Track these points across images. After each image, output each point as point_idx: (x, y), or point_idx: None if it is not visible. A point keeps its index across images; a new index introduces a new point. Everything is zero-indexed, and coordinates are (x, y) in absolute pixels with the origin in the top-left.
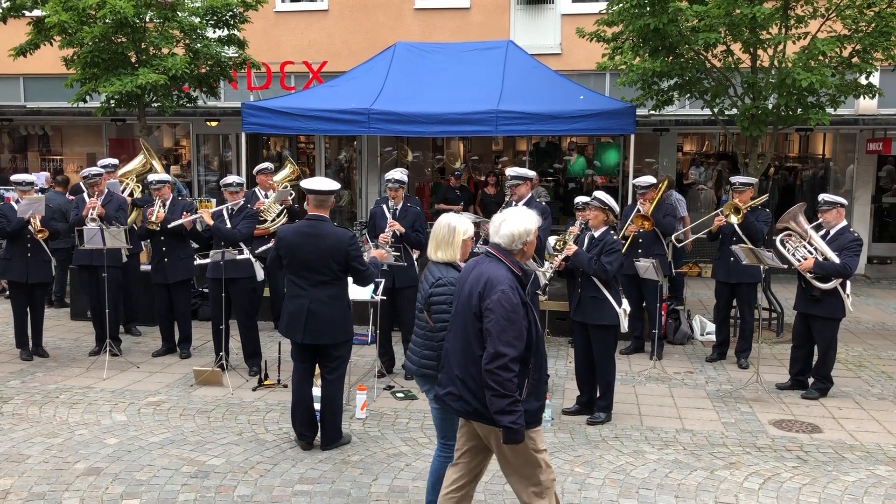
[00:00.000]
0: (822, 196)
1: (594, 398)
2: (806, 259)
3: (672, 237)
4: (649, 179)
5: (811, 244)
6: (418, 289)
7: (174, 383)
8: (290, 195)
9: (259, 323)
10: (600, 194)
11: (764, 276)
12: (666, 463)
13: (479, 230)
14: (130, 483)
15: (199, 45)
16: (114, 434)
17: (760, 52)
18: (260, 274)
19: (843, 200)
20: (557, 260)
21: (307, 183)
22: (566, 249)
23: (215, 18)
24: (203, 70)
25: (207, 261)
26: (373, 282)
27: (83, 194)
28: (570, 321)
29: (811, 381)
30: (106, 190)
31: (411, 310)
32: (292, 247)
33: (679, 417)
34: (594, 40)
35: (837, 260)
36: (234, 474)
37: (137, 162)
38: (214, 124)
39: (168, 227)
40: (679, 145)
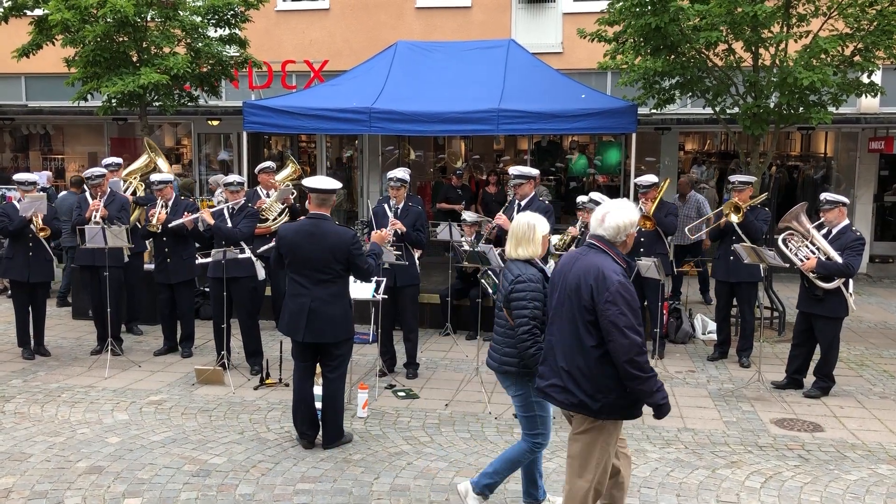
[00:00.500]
0: (824, 195)
1: None
2: (808, 259)
3: (691, 234)
4: (651, 178)
5: (813, 244)
6: (493, 287)
7: (176, 382)
8: (292, 194)
9: (260, 322)
10: (596, 195)
11: (765, 275)
12: (667, 462)
13: (480, 229)
14: (132, 482)
15: (201, 45)
16: (115, 433)
17: (762, 51)
18: (261, 273)
19: (845, 199)
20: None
21: (309, 181)
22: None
23: (217, 17)
24: (204, 69)
25: (209, 260)
26: (376, 276)
27: (85, 194)
28: None
29: (813, 380)
30: (108, 190)
31: (413, 309)
32: (294, 245)
33: (681, 416)
34: (595, 40)
35: (840, 259)
36: (236, 473)
37: (141, 161)
38: (216, 123)
39: (168, 227)
40: (681, 144)
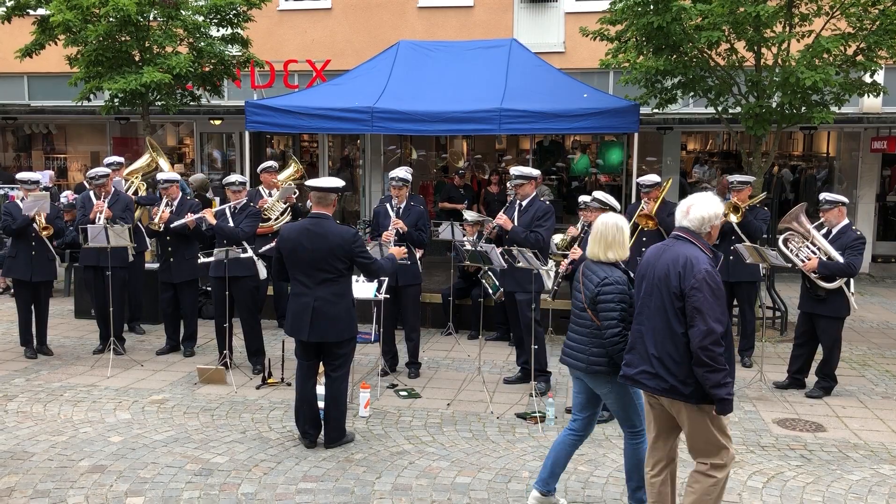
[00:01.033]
0: (824, 195)
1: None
2: (809, 259)
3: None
4: (654, 178)
5: (814, 244)
6: (576, 288)
7: (178, 381)
8: (295, 193)
9: (262, 321)
10: (599, 194)
11: (767, 275)
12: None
13: (482, 228)
14: (134, 481)
15: (203, 44)
16: (118, 432)
17: (764, 51)
18: (263, 272)
19: (845, 199)
20: (564, 263)
21: (313, 181)
22: (571, 253)
23: (219, 17)
24: (207, 68)
25: (211, 259)
26: (384, 275)
27: (89, 193)
28: None
29: (815, 380)
30: (112, 190)
31: (414, 308)
32: (295, 245)
33: None
34: (597, 39)
35: (841, 259)
36: (238, 472)
37: (143, 161)
38: (218, 123)
39: (171, 227)
40: (683, 144)
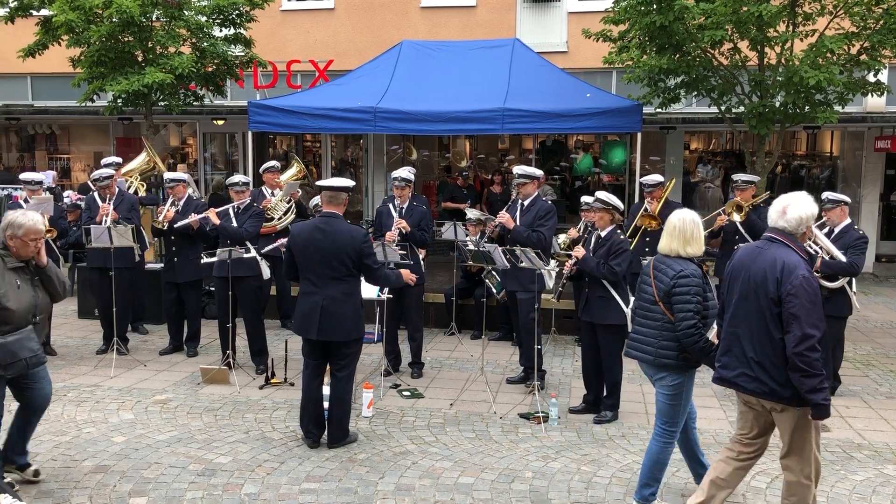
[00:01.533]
0: (826, 194)
1: (601, 397)
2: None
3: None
4: (657, 178)
5: (816, 243)
6: (643, 284)
7: (181, 381)
8: (298, 192)
9: (265, 321)
10: (602, 194)
11: None
12: (672, 462)
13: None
14: (138, 481)
15: (206, 44)
16: (121, 432)
17: (767, 50)
18: (266, 272)
19: (847, 198)
20: (568, 264)
21: (324, 181)
22: (574, 252)
23: (222, 17)
24: (209, 69)
25: (214, 259)
26: (386, 285)
27: (94, 195)
28: (578, 320)
29: None
30: (117, 190)
31: (417, 308)
32: (306, 243)
33: None
34: (600, 39)
35: (844, 258)
36: (241, 472)
37: (140, 160)
38: (221, 123)
39: (174, 227)
40: (686, 143)
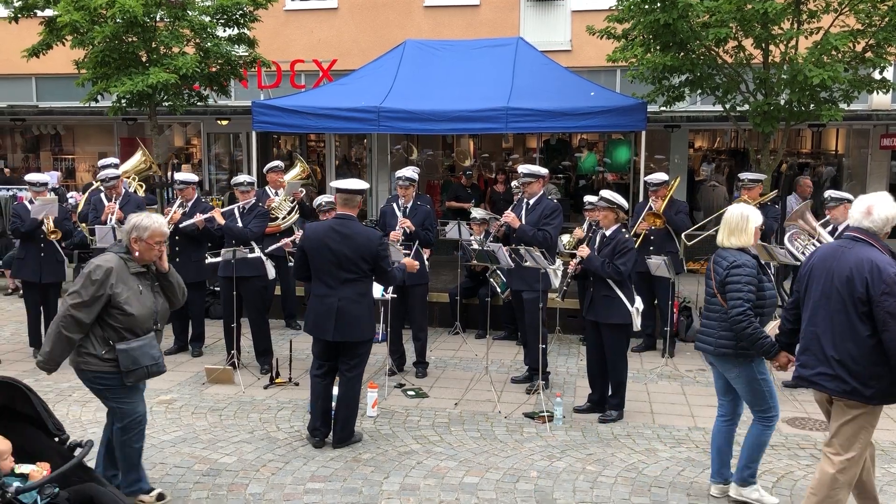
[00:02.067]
0: (829, 192)
1: (606, 396)
2: None
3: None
4: (661, 176)
5: (820, 242)
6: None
7: (186, 382)
8: (301, 191)
9: (270, 321)
10: (606, 193)
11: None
12: (678, 461)
13: (489, 227)
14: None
15: (210, 44)
16: None
17: (772, 48)
18: (271, 272)
19: (850, 196)
20: (573, 264)
21: (337, 182)
22: (579, 251)
23: (225, 17)
24: (213, 69)
25: (219, 259)
26: (395, 283)
27: (100, 195)
28: (583, 319)
29: None
30: (123, 191)
31: (422, 307)
32: (321, 245)
33: (691, 415)
34: (604, 38)
35: None
36: (246, 472)
37: (136, 160)
38: (225, 123)
39: (180, 228)
40: (690, 142)
